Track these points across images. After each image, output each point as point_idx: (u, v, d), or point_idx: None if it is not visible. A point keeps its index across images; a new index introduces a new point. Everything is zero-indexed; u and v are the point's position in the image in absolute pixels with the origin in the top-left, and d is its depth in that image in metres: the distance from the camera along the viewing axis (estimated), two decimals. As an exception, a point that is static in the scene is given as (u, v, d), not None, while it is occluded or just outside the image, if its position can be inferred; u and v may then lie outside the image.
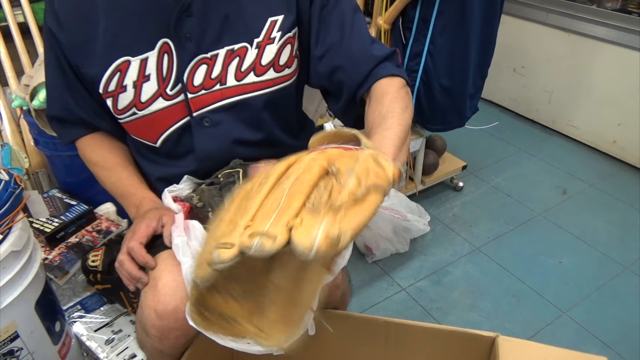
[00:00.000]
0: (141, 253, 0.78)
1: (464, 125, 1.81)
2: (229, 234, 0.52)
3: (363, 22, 0.90)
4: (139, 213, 0.88)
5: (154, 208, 0.86)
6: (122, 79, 0.84)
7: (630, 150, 2.27)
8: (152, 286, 0.76)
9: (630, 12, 2.12)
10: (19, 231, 0.87)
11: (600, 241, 1.87)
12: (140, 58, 0.83)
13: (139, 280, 0.78)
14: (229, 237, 0.51)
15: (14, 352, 0.89)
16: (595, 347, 1.48)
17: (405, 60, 1.66)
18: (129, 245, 0.79)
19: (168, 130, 0.89)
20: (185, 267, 0.75)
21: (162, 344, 0.76)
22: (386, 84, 0.84)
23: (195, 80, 0.85)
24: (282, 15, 0.85)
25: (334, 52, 0.87)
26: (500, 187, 2.18)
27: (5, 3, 1.61)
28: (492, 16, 1.62)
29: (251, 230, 0.50)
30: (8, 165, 1.45)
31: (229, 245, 0.50)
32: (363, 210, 0.52)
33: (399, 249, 1.77)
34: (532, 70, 2.58)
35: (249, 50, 0.85)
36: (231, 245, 0.50)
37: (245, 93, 0.87)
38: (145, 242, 0.80)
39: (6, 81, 1.64)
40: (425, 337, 0.84)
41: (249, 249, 0.48)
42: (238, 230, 0.51)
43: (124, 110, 0.87)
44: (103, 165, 0.95)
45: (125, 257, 0.79)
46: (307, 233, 0.48)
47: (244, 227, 0.51)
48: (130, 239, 0.80)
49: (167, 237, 0.80)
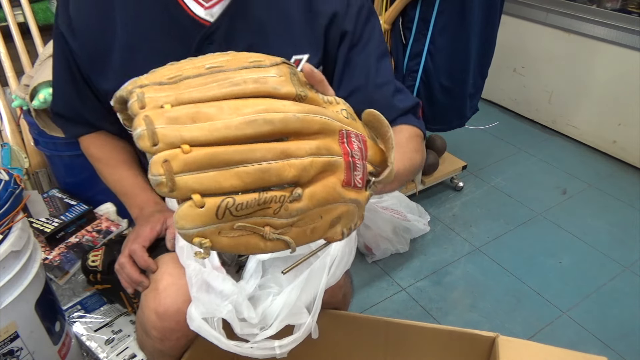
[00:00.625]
0: (143, 257, 0.77)
1: (464, 125, 1.81)
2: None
3: (389, 69, 0.87)
4: (142, 214, 0.87)
5: (158, 211, 0.85)
6: None
7: (630, 150, 2.27)
8: (153, 288, 0.76)
9: (630, 12, 2.12)
10: (19, 231, 0.86)
11: (600, 241, 1.87)
12: None
13: (139, 283, 0.78)
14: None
15: (14, 352, 0.89)
16: (595, 347, 1.47)
17: (405, 60, 1.66)
18: (131, 248, 0.79)
19: None
20: (189, 270, 0.74)
21: (163, 344, 0.76)
22: (405, 128, 0.83)
23: None
24: (307, 54, 0.81)
25: (355, 98, 0.84)
26: (500, 187, 2.18)
27: (5, 3, 1.61)
28: (492, 16, 1.62)
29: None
30: (8, 165, 1.45)
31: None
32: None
33: (399, 249, 1.77)
34: (532, 70, 2.58)
35: None
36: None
37: None
38: (148, 246, 0.80)
39: (6, 81, 1.64)
40: (425, 337, 0.84)
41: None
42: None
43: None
44: (107, 162, 0.94)
45: (126, 259, 0.79)
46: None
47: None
48: (133, 241, 0.79)
49: (170, 241, 0.79)
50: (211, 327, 0.70)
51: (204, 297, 0.71)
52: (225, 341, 0.68)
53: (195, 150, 0.37)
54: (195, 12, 0.77)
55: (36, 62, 1.51)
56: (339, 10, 0.80)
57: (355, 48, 0.83)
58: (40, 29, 1.66)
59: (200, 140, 0.38)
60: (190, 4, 0.77)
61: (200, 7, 0.77)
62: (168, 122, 0.37)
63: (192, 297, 0.72)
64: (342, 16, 0.80)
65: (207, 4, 0.77)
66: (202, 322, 0.69)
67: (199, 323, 0.69)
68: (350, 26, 0.81)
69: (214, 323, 0.71)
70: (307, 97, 0.45)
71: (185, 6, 0.77)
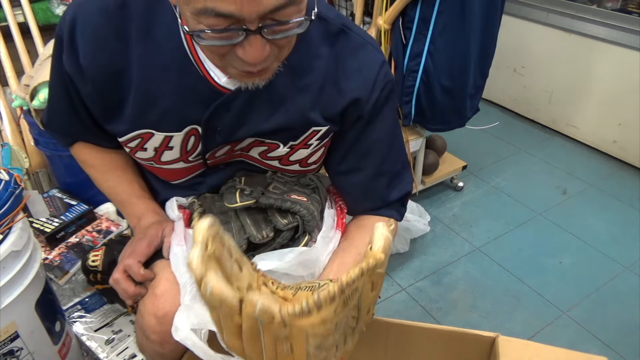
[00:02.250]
0: (139, 272, 0.76)
1: (464, 125, 1.81)
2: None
3: (396, 153, 0.86)
4: (140, 225, 0.84)
5: (157, 222, 0.83)
6: (143, 143, 0.79)
7: (630, 150, 2.27)
8: (152, 293, 0.75)
9: (630, 12, 2.12)
10: (19, 231, 0.87)
11: (600, 241, 1.87)
12: (166, 135, 0.77)
13: (136, 296, 0.77)
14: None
15: (14, 352, 0.89)
16: (595, 347, 1.48)
17: (405, 60, 1.66)
18: (126, 264, 0.76)
19: (184, 178, 0.87)
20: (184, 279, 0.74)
21: (162, 348, 0.76)
22: (382, 220, 0.85)
23: (218, 153, 0.82)
24: (326, 127, 0.79)
25: (352, 177, 0.85)
26: (500, 187, 2.18)
27: (5, 3, 1.61)
28: (493, 16, 1.62)
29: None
30: (8, 165, 1.45)
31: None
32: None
33: (399, 249, 1.77)
34: (532, 70, 2.58)
35: (280, 147, 0.81)
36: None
37: (264, 166, 0.86)
38: (144, 261, 0.78)
39: (6, 81, 1.64)
40: (425, 338, 0.84)
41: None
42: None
43: (141, 160, 0.83)
44: (100, 168, 0.90)
45: (121, 275, 0.77)
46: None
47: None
48: (129, 256, 0.77)
49: (167, 250, 0.78)
50: (199, 338, 0.69)
51: (198, 307, 0.70)
52: (213, 354, 0.68)
53: None
54: (217, 81, 0.73)
55: (36, 62, 1.51)
56: (362, 97, 0.77)
57: (368, 127, 0.80)
58: (40, 29, 1.66)
59: None
60: (213, 72, 0.73)
61: (224, 76, 0.73)
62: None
63: (183, 305, 0.72)
64: (364, 102, 0.77)
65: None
66: (189, 333, 0.69)
67: (186, 334, 0.69)
68: (367, 111, 0.78)
69: (201, 335, 0.70)
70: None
71: (207, 74, 0.73)
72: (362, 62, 0.77)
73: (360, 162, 0.83)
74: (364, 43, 0.77)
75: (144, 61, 0.72)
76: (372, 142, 0.82)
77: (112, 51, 0.72)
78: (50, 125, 0.89)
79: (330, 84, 0.76)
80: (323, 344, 0.54)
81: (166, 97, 0.74)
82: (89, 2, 0.72)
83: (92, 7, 0.71)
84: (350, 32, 0.76)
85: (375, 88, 0.77)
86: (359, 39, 0.77)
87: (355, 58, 0.76)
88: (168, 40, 0.72)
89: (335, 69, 0.76)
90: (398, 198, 0.87)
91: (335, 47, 0.75)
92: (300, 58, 0.73)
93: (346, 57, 0.76)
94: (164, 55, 0.72)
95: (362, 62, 0.77)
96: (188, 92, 0.74)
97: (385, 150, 0.84)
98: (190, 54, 0.72)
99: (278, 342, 0.53)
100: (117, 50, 0.72)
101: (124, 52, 0.72)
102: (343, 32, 0.76)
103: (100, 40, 0.71)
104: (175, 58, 0.72)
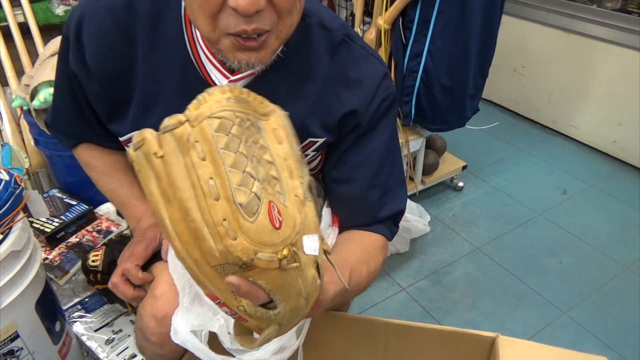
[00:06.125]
0: (137, 275, 0.76)
1: (464, 125, 1.81)
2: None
3: (391, 166, 0.85)
4: (139, 227, 0.84)
5: (155, 224, 0.83)
6: None
7: (630, 150, 2.27)
8: (151, 295, 0.76)
9: (630, 12, 2.12)
10: (19, 231, 0.87)
11: (600, 241, 1.87)
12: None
13: (135, 298, 0.77)
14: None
15: (14, 352, 0.89)
16: (595, 347, 1.48)
17: (405, 60, 1.66)
18: (124, 267, 0.76)
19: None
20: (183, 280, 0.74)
21: (162, 349, 0.76)
22: (372, 236, 0.85)
23: None
24: (323, 138, 0.79)
25: (345, 187, 0.84)
26: (500, 187, 2.18)
27: (5, 3, 1.61)
28: (493, 16, 1.62)
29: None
30: (8, 165, 1.45)
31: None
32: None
33: (399, 249, 1.77)
34: (532, 70, 2.58)
35: None
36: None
37: None
38: (142, 264, 0.78)
39: (6, 81, 1.64)
40: (425, 338, 0.84)
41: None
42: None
43: None
44: (102, 170, 0.90)
45: (119, 280, 0.77)
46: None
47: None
48: (127, 260, 0.77)
49: (165, 252, 0.78)
50: (199, 340, 0.69)
51: (197, 309, 0.71)
52: (214, 355, 0.68)
53: None
54: (218, 84, 0.72)
55: (36, 62, 1.52)
56: (361, 106, 0.77)
57: (364, 137, 0.80)
58: (40, 29, 1.66)
59: None
60: (214, 74, 0.73)
61: (224, 79, 0.72)
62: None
63: (182, 308, 0.72)
64: (361, 113, 0.77)
65: (232, 77, 0.72)
66: (189, 335, 0.69)
67: (185, 336, 0.69)
68: (365, 121, 0.78)
69: (201, 337, 0.70)
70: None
71: (208, 77, 0.73)
72: (364, 73, 0.77)
73: (354, 171, 0.82)
74: (366, 55, 0.77)
75: (147, 61, 0.73)
76: (368, 152, 0.81)
77: (118, 50, 0.72)
78: (54, 125, 0.90)
79: (331, 93, 0.76)
80: (230, 145, 0.50)
81: (167, 98, 0.74)
82: (96, 1, 0.72)
83: (99, 6, 0.72)
84: (352, 44, 0.77)
85: (375, 98, 0.77)
86: (362, 51, 0.77)
87: (357, 69, 0.76)
88: (172, 42, 0.72)
89: (337, 78, 0.76)
90: (390, 215, 0.86)
91: (336, 57, 0.76)
92: (303, 65, 0.74)
93: (348, 68, 0.76)
94: (167, 56, 0.73)
95: (364, 73, 0.77)
96: (189, 94, 0.74)
97: (380, 162, 0.82)
98: (193, 57, 0.72)
99: (192, 150, 0.49)
100: (124, 49, 0.72)
101: (130, 52, 0.73)
102: (345, 42, 0.76)
103: (106, 38, 0.72)
104: (177, 60, 0.73)
